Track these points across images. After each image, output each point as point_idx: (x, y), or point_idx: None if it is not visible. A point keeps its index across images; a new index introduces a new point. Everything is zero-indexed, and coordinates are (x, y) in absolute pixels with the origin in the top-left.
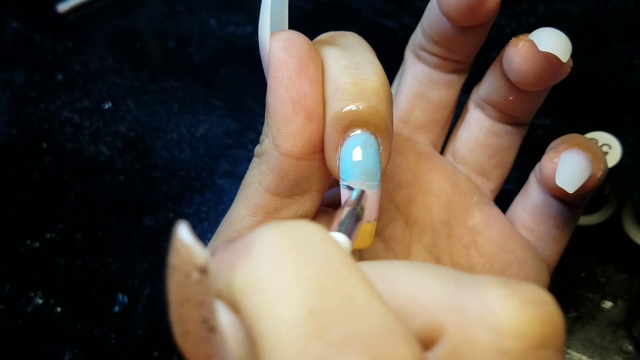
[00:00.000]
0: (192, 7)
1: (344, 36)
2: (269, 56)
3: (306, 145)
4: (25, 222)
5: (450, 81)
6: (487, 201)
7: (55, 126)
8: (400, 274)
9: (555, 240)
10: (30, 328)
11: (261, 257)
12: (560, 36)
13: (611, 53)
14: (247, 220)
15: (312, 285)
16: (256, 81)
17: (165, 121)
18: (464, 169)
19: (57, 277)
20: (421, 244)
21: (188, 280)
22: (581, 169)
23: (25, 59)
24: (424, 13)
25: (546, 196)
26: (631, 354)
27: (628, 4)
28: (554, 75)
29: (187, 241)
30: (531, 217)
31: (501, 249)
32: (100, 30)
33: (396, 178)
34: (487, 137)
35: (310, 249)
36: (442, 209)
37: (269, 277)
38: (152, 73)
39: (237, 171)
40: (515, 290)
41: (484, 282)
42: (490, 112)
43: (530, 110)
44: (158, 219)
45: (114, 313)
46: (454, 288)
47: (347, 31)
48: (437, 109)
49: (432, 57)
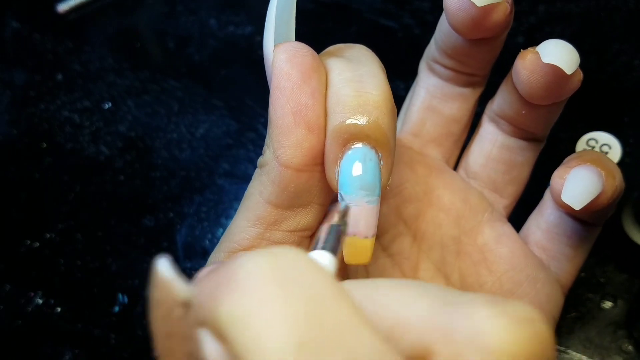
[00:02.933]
0: (192, 7)
1: (351, 48)
2: (272, 67)
3: (306, 157)
4: (25, 222)
5: (463, 94)
6: (499, 218)
7: (55, 126)
8: (388, 294)
9: (569, 260)
10: (30, 328)
11: (246, 288)
12: (566, 47)
13: (611, 53)
14: (247, 231)
15: (300, 316)
16: (256, 81)
17: (165, 121)
18: (477, 184)
19: (57, 277)
20: (429, 260)
21: (171, 316)
22: (590, 185)
23: (25, 59)
24: (437, 26)
25: (560, 214)
26: (631, 354)
27: (628, 4)
28: (562, 88)
29: (168, 277)
30: (545, 235)
31: (512, 268)
32: (100, 30)
33: (404, 192)
34: (500, 152)
35: (295, 278)
36: (452, 225)
37: (255, 309)
38: (152, 73)
39: (237, 171)
40: (504, 309)
41: (472, 301)
42: (504, 127)
43: (545, 125)
44: (158, 219)
45: (114, 313)
46: (443, 308)
47: (355, 44)
48: (449, 123)
49: (445, 70)
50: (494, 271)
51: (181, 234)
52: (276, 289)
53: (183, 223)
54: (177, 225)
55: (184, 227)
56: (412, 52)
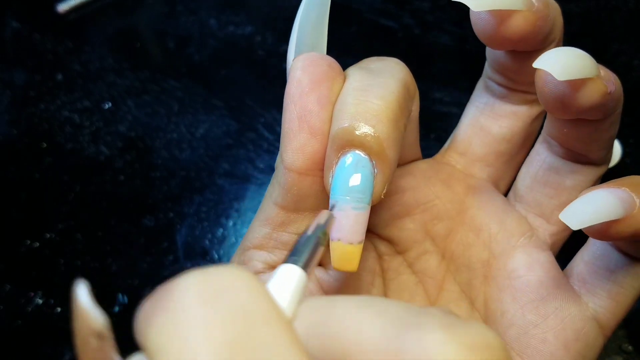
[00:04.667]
0: (192, 7)
1: (380, 61)
2: (288, 75)
3: (308, 161)
4: (25, 222)
5: (516, 113)
6: (538, 244)
7: (55, 126)
8: (345, 315)
9: (611, 297)
10: (30, 328)
11: (173, 310)
12: (567, 53)
13: (611, 53)
14: (257, 230)
15: (224, 339)
16: (256, 81)
17: (165, 121)
18: (522, 207)
19: (57, 277)
20: (455, 282)
21: (87, 346)
22: (599, 205)
23: (25, 59)
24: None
25: (606, 245)
26: (631, 354)
27: (628, 4)
28: (572, 100)
29: (84, 305)
30: (586, 267)
31: (538, 298)
32: (100, 30)
33: (434, 209)
34: (547, 174)
35: (225, 299)
36: (482, 247)
37: (180, 335)
38: (152, 73)
39: (237, 171)
40: (457, 334)
41: (427, 324)
42: (555, 148)
43: (596, 145)
44: (158, 219)
45: (114, 313)
46: (396, 330)
47: (390, 57)
48: (497, 142)
49: (498, 87)
50: (517, 299)
51: (181, 234)
52: (204, 312)
53: (183, 223)
54: (177, 225)
55: (184, 227)
56: (412, 52)
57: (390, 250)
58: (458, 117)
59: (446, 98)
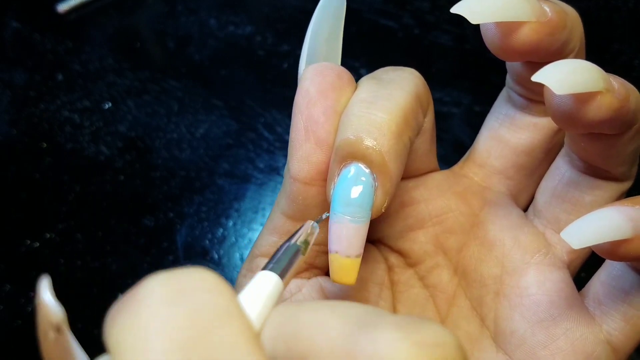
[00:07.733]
0: (192, 7)
1: (394, 71)
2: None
3: (312, 171)
4: (25, 222)
5: (537, 125)
6: (553, 262)
7: (55, 126)
8: (307, 316)
9: (626, 320)
10: (30, 328)
11: (137, 312)
12: (563, 65)
13: (611, 53)
14: (265, 238)
15: (183, 343)
16: (256, 81)
17: (165, 121)
18: (540, 223)
19: (57, 277)
20: (466, 297)
21: (46, 340)
22: (603, 224)
23: (25, 59)
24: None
25: (623, 265)
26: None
27: (628, 4)
28: (581, 113)
29: (45, 299)
30: (602, 288)
31: (548, 318)
32: (100, 30)
33: (447, 222)
34: (566, 188)
35: (188, 299)
36: (495, 263)
37: (139, 334)
38: (152, 73)
39: (237, 171)
40: (410, 333)
41: (382, 324)
42: (575, 162)
43: (615, 160)
44: (158, 219)
45: None
46: (352, 331)
47: (406, 67)
48: (516, 154)
49: (519, 98)
50: (528, 318)
51: (181, 234)
52: (164, 310)
53: (183, 223)
54: (177, 225)
55: (184, 227)
56: (412, 52)
57: (401, 263)
58: (458, 117)
59: (446, 98)
